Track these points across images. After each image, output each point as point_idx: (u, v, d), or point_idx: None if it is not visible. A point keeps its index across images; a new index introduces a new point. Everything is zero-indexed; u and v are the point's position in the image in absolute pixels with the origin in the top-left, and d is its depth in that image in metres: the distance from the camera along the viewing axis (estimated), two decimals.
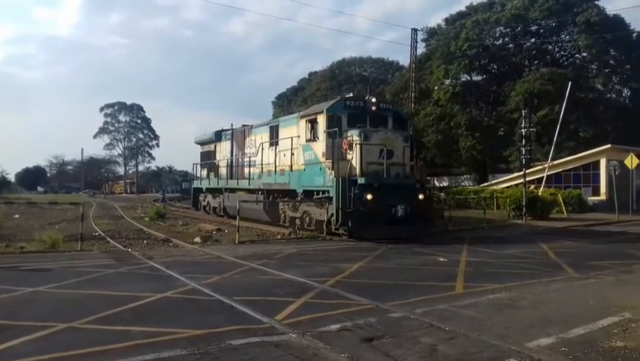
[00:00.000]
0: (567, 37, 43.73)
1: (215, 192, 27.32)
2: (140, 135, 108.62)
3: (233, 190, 24.43)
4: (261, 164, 21.15)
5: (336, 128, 16.54)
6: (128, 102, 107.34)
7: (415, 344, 5.75)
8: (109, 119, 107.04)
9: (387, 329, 6.27)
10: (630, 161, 27.14)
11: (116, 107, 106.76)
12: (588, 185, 33.52)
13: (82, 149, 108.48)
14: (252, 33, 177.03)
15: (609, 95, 44.24)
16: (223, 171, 26.23)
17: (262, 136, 21.81)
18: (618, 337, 5.96)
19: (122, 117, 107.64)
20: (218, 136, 27.26)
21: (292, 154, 18.60)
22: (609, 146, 32.61)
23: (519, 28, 43.66)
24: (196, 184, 31.16)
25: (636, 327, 6.36)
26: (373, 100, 17.81)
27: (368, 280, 9.74)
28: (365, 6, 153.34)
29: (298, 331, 6.13)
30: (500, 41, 45.25)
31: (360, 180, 15.42)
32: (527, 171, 26.07)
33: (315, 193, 17.34)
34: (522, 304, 7.66)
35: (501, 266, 11.15)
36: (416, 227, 16.10)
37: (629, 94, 44.75)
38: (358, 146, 15.83)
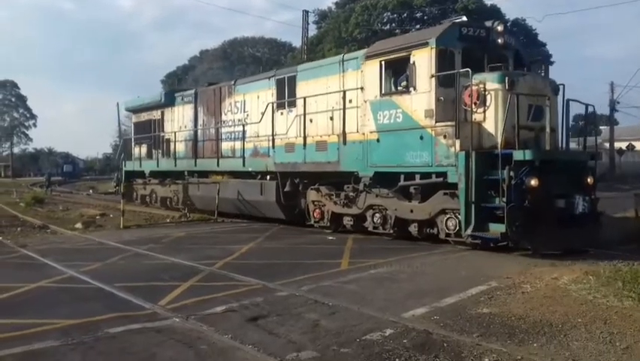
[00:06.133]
0: None
1: (166, 176, 20.07)
2: (15, 115, 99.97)
3: (205, 174, 17.98)
4: (272, 135, 14.61)
5: (462, 70, 10.21)
6: (1, 78, 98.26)
7: (298, 320, 5.89)
8: None
9: (272, 308, 6.36)
10: None
11: None
12: None
13: None
14: (141, 8, 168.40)
15: None
16: (181, 147, 19.32)
17: (259, 95, 15.47)
18: (484, 304, 6.48)
19: None
20: (170, 98, 20.01)
21: (340, 118, 12.52)
22: None
23: (405, 15, 45.38)
24: (129, 167, 22.86)
25: (501, 294, 6.93)
26: (500, 28, 11.27)
27: (258, 260, 9.77)
28: None
29: (182, 315, 6.05)
30: (388, 27, 46.76)
31: (518, 156, 9.36)
32: None
33: (403, 177, 11.38)
34: (401, 277, 8.08)
35: (384, 242, 11.60)
36: (591, 231, 10.39)
37: None
38: (501, 99, 9.90)
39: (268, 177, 15.07)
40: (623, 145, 43.41)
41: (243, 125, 15.97)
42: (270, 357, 4.74)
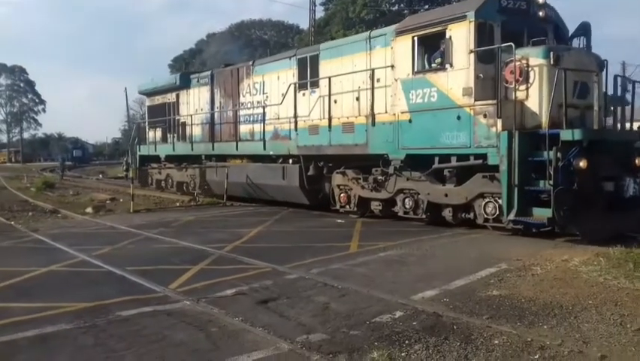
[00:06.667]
0: None
1: (182, 161, 19.57)
2: (24, 100, 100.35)
3: (222, 157, 17.53)
4: (294, 117, 14.14)
5: (504, 44, 9.62)
6: (9, 64, 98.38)
7: (308, 303, 5.91)
8: None
9: (282, 291, 6.38)
10: None
11: None
12: None
13: None
14: None
15: None
16: (197, 130, 18.84)
17: (279, 76, 14.92)
18: (494, 286, 6.46)
19: (2, 80, 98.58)
20: (185, 81, 19.44)
21: (368, 98, 12.03)
22: None
23: None
24: (144, 151, 22.48)
25: (510, 276, 6.90)
26: (541, 0, 10.73)
27: (267, 244, 9.80)
28: None
29: (192, 298, 6.08)
30: (396, 7, 46.27)
31: (566, 135, 8.86)
32: None
33: (437, 160, 10.94)
34: (410, 260, 8.07)
35: (393, 225, 11.58)
36: (638, 216, 9.63)
37: None
38: (545, 75, 9.39)
39: (290, 160, 14.59)
40: (635, 125, 42.89)
41: (263, 107, 15.38)
42: (281, 339, 4.76)
